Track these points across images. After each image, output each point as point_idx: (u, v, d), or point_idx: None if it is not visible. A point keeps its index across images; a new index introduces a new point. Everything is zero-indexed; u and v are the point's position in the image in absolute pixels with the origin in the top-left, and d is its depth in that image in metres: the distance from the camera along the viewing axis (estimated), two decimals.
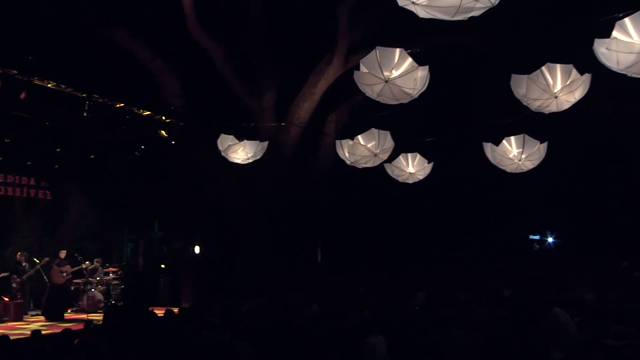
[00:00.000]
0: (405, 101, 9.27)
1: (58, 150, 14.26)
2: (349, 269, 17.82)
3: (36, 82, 11.59)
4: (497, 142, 11.26)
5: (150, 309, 9.95)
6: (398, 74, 8.71)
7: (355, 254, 19.17)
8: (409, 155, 13.25)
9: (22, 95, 11.21)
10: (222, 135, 13.51)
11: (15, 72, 11.15)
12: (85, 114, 12.35)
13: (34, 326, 12.75)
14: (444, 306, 9.34)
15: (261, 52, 16.81)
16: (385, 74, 8.72)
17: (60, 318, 14.17)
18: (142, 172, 15.81)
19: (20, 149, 14.27)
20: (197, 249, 16.45)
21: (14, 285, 14.47)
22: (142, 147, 14.95)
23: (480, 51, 15.24)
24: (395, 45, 9.18)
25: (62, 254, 14.94)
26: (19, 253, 14.98)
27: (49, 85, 11.73)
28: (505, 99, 9.93)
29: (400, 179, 13.49)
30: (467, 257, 17.94)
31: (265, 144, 13.80)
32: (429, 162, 13.18)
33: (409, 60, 8.71)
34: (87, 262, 15.36)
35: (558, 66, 8.90)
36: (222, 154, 13.58)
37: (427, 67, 8.89)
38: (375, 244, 19.05)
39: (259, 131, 16.23)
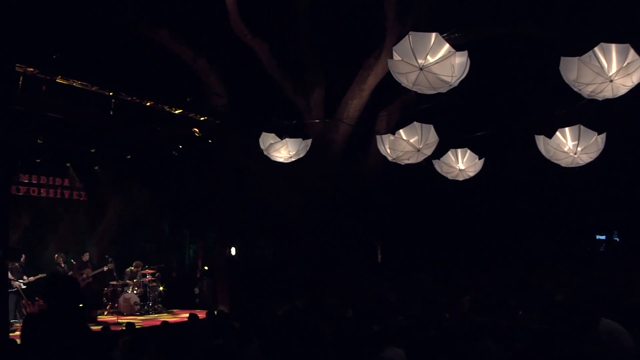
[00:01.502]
0: (443, 90, 8.64)
1: (93, 150, 14.27)
2: (412, 270, 17.21)
3: (60, 80, 11.59)
4: (551, 135, 10.41)
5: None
6: (434, 60, 8.09)
7: (415, 254, 18.49)
8: (459, 150, 12.54)
9: (43, 88, 11.17)
10: (264, 134, 13.22)
11: (36, 70, 11.14)
12: (111, 113, 12.27)
13: None
14: (484, 313, 8.63)
15: (309, 48, 16.46)
16: (420, 61, 8.11)
17: (90, 319, 13.90)
18: (194, 172, 15.68)
19: (54, 150, 14.35)
20: (233, 251, 16.13)
21: None
22: (180, 146, 14.82)
23: (532, 40, 14.34)
24: (448, 39, 8.61)
25: (85, 256, 14.85)
26: (56, 254, 15.04)
27: (75, 84, 11.70)
28: (559, 87, 9.12)
29: (449, 176, 12.78)
30: (525, 259, 16.93)
31: (309, 142, 13.40)
32: (479, 158, 12.44)
33: (446, 45, 8.08)
34: (110, 264, 15.19)
35: (613, 46, 8.02)
36: (264, 152, 13.30)
37: (465, 52, 8.22)
38: (431, 244, 18.29)
39: (306, 129, 15.94)
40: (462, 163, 12.48)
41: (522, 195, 17.60)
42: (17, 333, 12.25)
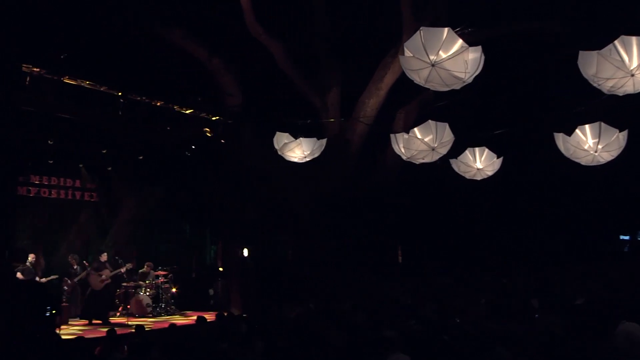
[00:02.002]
0: (457, 87, 8.41)
1: (104, 151, 14.19)
2: (430, 271, 16.93)
3: (69, 81, 11.56)
4: (570, 132, 10.09)
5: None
6: (446, 56, 7.86)
7: (433, 255, 18.18)
8: (476, 149, 12.27)
9: (51, 89, 11.12)
10: (278, 133, 13.09)
11: (44, 71, 11.11)
12: (120, 113, 12.20)
13: (69, 330, 12.80)
14: (501, 317, 8.36)
15: (325, 47, 16.28)
16: (432, 57, 7.89)
17: (104, 321, 13.91)
18: (209, 172, 15.56)
19: (65, 151, 14.25)
20: (245, 252, 15.91)
21: (65, 288, 14.45)
22: (193, 147, 14.71)
23: (551, 35, 13.99)
24: (462, 35, 8.38)
25: (103, 257, 14.63)
26: (69, 256, 14.93)
27: (84, 84, 11.66)
28: (578, 83, 8.82)
29: (467, 176, 12.52)
30: (546, 260, 16.53)
31: (324, 141, 13.24)
32: (498, 157, 12.15)
33: (458, 41, 7.84)
34: (128, 264, 15.03)
35: (634, 39, 7.71)
36: (279, 152, 13.17)
37: (479, 48, 7.99)
38: (449, 245, 17.96)
39: (323, 129, 15.78)
40: (480, 162, 12.21)
41: (542, 194, 17.21)
42: None
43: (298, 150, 12.99)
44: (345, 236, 15.83)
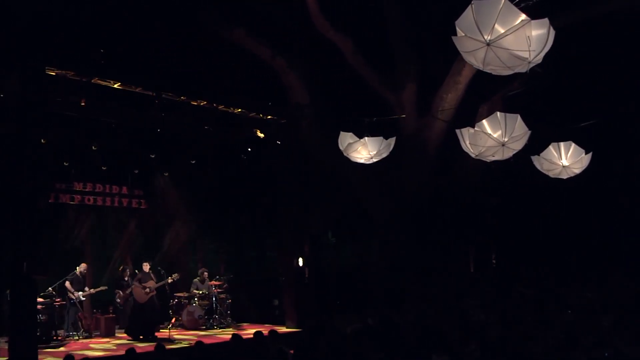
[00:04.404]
0: (522, 69, 7.16)
1: (153, 156, 13.78)
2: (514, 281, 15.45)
3: (99, 82, 11.26)
4: None
5: None
6: (503, 33, 6.69)
7: (521, 263, 16.63)
8: (561, 144, 10.83)
9: (82, 102, 10.88)
10: (342, 133, 12.30)
11: (72, 72, 10.85)
12: (153, 113, 11.75)
13: (111, 345, 12.64)
14: (588, 340, 7.02)
15: (400, 41, 15.27)
16: (486, 35, 6.75)
17: (149, 336, 13.31)
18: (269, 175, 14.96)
19: (110, 156, 13.91)
20: (300, 261, 14.88)
21: (118, 300, 14.17)
22: (249, 149, 14.10)
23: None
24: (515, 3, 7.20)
25: (145, 267, 13.92)
26: (121, 267, 14.50)
27: (131, 89, 11.34)
28: None
29: (551, 174, 11.10)
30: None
31: (392, 140, 12.29)
32: (586, 153, 10.65)
33: (518, 14, 6.65)
34: (175, 275, 14.23)
35: None
36: (343, 153, 12.34)
37: (545, 21, 6.75)
38: (539, 252, 16.32)
39: (398, 128, 14.84)
40: (566, 159, 10.76)
41: (636, 194, 15.17)
42: (62, 349, 12.17)
43: (364, 151, 12.12)
44: (423, 241, 14.72)
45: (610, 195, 15.46)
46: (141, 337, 13.31)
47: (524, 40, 6.71)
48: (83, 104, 10.97)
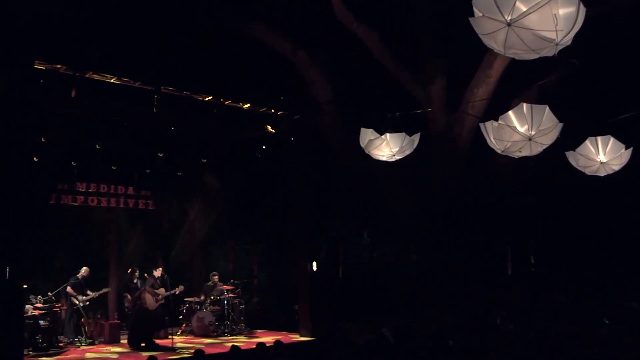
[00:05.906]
0: (549, 52, 6.42)
1: (161, 155, 13.31)
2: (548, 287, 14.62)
3: (95, 77, 10.85)
4: None
5: None
6: (526, 11, 6.00)
7: (557, 266, 15.71)
8: (599, 139, 10.01)
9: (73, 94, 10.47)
10: (362, 129, 11.71)
11: (65, 67, 10.45)
12: (154, 110, 11.28)
13: (111, 354, 12.19)
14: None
15: (428, 33, 14.61)
16: (506, 14, 6.07)
17: (149, 344, 12.76)
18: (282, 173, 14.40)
19: (115, 155, 13.44)
20: (314, 266, 14.11)
21: (126, 304, 13.70)
22: (264, 147, 13.55)
23: None
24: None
25: (157, 272, 13.38)
26: (129, 269, 13.94)
27: (135, 85, 10.91)
28: None
29: (587, 171, 10.30)
30: None
31: (415, 137, 11.67)
32: (626, 148, 9.80)
33: None
34: (180, 286, 13.72)
35: None
36: (365, 151, 11.75)
37: None
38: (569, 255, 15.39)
39: (427, 124, 14.20)
40: (604, 154, 9.94)
41: None
42: (58, 357, 11.79)
43: (385, 148, 11.51)
44: (452, 244, 14.00)
45: None
46: (143, 344, 12.85)
47: (549, 19, 6.01)
48: (73, 95, 10.48)
